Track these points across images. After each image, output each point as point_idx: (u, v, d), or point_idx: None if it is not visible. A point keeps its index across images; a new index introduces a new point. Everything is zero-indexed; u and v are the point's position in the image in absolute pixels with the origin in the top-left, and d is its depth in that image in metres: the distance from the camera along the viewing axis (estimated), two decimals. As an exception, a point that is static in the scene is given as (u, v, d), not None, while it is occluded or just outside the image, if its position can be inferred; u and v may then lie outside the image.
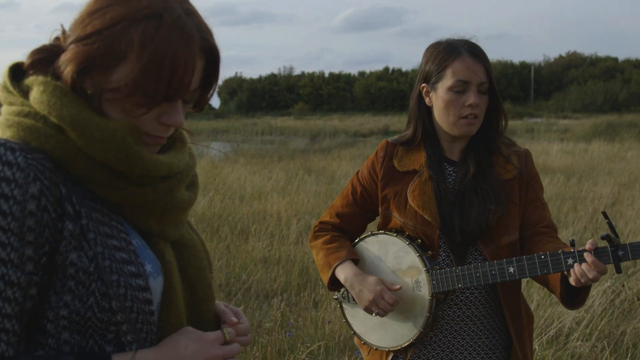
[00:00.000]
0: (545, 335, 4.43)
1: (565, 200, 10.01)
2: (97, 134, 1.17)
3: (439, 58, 2.19)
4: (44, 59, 1.24)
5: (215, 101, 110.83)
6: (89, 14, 1.19)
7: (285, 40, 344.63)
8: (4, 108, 1.24)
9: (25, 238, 1.10)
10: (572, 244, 1.93)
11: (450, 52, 2.17)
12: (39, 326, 1.16)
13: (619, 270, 1.90)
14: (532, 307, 4.80)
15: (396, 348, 2.21)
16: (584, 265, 1.88)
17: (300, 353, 4.26)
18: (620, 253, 1.88)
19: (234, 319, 1.42)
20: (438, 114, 2.20)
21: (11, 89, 1.24)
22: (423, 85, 2.24)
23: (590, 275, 1.86)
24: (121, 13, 1.17)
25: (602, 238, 1.89)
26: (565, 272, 1.95)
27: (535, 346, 4.22)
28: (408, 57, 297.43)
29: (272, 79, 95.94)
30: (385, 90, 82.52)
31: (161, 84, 1.18)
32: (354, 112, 71.50)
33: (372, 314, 2.17)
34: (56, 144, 1.17)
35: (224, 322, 1.42)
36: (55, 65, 1.22)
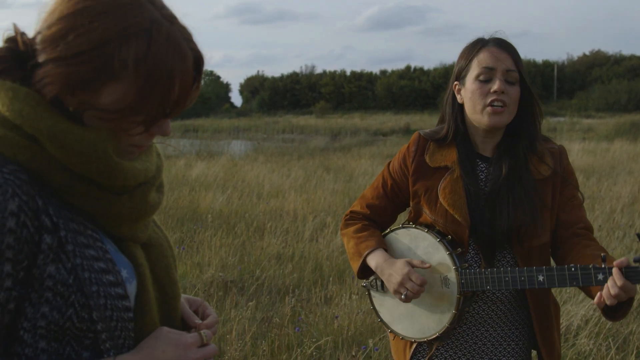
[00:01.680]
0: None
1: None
2: (76, 146, 1.14)
3: (467, 52, 2.21)
4: (7, 66, 1.18)
5: (237, 99, 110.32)
6: (68, 31, 1.13)
7: (309, 39, 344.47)
8: None
9: (4, 255, 1.07)
10: (604, 259, 1.88)
11: (476, 44, 2.20)
12: (15, 337, 1.13)
13: None
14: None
15: (422, 340, 2.24)
16: (610, 285, 1.84)
17: (307, 348, 4.30)
18: None
19: (198, 321, 1.43)
20: (467, 107, 2.20)
21: None
22: (455, 83, 2.26)
23: (613, 292, 1.83)
24: (108, 31, 1.12)
25: (636, 261, 1.84)
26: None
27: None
28: (431, 55, 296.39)
29: (294, 77, 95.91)
30: (407, 89, 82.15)
31: (159, 103, 1.17)
32: (376, 111, 71.24)
33: (401, 297, 2.16)
34: (31, 155, 1.13)
35: (188, 314, 1.43)
36: (24, 73, 1.18)
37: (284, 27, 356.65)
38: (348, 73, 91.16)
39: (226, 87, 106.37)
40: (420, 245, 2.25)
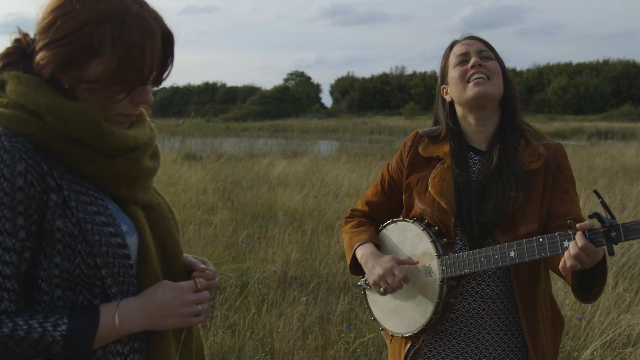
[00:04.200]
0: (608, 341, 4.32)
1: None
2: (70, 116, 1.35)
3: (444, 54, 2.35)
4: (14, 60, 1.42)
5: (327, 100, 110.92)
6: (55, 19, 1.36)
7: (401, 40, 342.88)
8: None
9: (16, 209, 1.30)
10: (570, 226, 1.84)
11: (450, 44, 2.36)
12: (35, 285, 1.37)
13: (611, 252, 1.77)
14: (599, 312, 4.70)
15: (409, 334, 2.25)
16: (571, 245, 1.79)
17: (352, 344, 4.37)
18: (613, 234, 1.76)
19: (203, 266, 1.65)
20: (454, 96, 2.27)
21: None
22: (442, 86, 2.35)
23: (573, 252, 1.77)
24: (86, 16, 1.34)
25: (590, 216, 1.79)
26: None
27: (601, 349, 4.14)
28: (527, 56, 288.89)
29: (384, 78, 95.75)
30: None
31: (135, 72, 1.38)
32: (466, 113, 70.14)
33: (380, 290, 2.21)
34: (35, 128, 1.35)
35: (194, 271, 1.64)
36: (27, 63, 1.41)
37: (376, 28, 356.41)
38: (438, 74, 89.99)
39: (317, 88, 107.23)
40: (407, 237, 2.28)
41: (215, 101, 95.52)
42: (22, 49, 1.44)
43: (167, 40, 1.44)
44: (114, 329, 1.40)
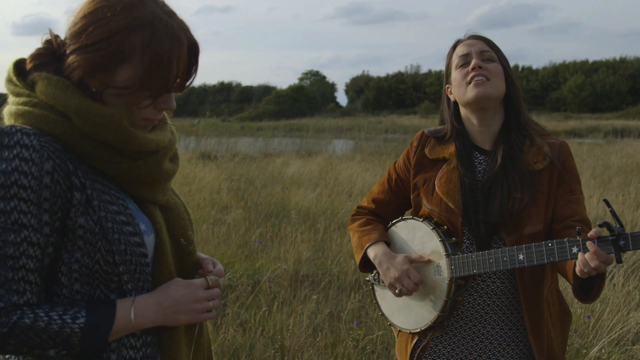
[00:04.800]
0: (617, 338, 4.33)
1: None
2: (97, 119, 1.42)
3: (448, 55, 2.37)
4: (45, 61, 1.49)
5: (342, 99, 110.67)
6: (87, 25, 1.42)
7: (417, 38, 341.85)
8: (11, 98, 1.49)
9: (42, 206, 1.37)
10: (579, 232, 1.89)
11: (453, 44, 2.38)
12: (55, 279, 1.44)
13: (619, 260, 1.83)
14: (608, 309, 4.70)
15: (416, 330, 2.29)
16: (586, 254, 1.85)
17: (362, 341, 4.39)
18: (621, 242, 1.82)
19: (211, 267, 1.71)
20: (457, 97, 2.30)
21: (16, 82, 1.48)
22: (447, 86, 2.38)
23: (593, 265, 1.83)
24: (118, 24, 1.41)
25: (600, 225, 1.84)
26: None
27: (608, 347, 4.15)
28: (542, 54, 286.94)
29: (399, 77, 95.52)
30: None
31: (162, 80, 1.45)
32: (481, 111, 69.81)
33: (395, 291, 2.26)
34: (63, 128, 1.42)
35: (202, 270, 1.71)
36: (57, 65, 1.47)
37: (393, 27, 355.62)
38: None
39: (332, 87, 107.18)
40: (416, 235, 2.32)
41: (230, 101, 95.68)
42: (52, 50, 1.50)
43: (192, 50, 1.50)
44: (129, 323, 1.47)
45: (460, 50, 2.30)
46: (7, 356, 1.51)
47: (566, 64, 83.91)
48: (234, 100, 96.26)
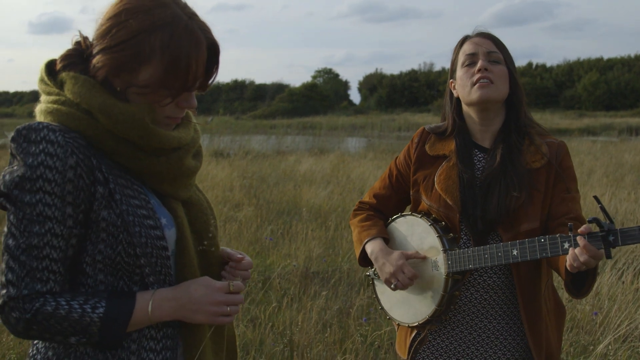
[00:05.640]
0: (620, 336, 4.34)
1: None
2: (120, 117, 1.49)
3: (455, 49, 2.38)
4: (73, 61, 1.57)
5: (356, 97, 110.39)
6: (112, 27, 1.50)
7: (431, 36, 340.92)
8: (43, 97, 1.57)
9: (66, 199, 1.44)
10: (570, 228, 1.95)
11: (461, 40, 2.38)
12: (80, 269, 1.51)
13: (608, 255, 1.89)
14: (615, 307, 4.72)
15: (415, 324, 2.35)
16: (576, 249, 1.90)
17: (370, 337, 4.45)
18: (611, 238, 1.88)
19: (239, 256, 1.78)
20: (460, 95, 2.33)
21: (48, 81, 1.57)
22: (450, 80, 2.40)
23: (582, 259, 1.88)
24: (139, 26, 1.48)
25: (590, 221, 1.90)
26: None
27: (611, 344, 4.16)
28: (557, 52, 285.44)
29: (412, 74, 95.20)
30: (528, 87, 79.56)
31: (181, 79, 1.51)
32: (495, 109, 69.47)
33: (390, 286, 2.31)
34: (87, 125, 1.49)
35: (229, 266, 1.77)
36: (85, 65, 1.55)
37: (407, 25, 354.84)
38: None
39: (345, 85, 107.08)
40: (415, 231, 2.37)
41: (243, 99, 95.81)
42: (81, 51, 1.58)
43: (212, 50, 1.56)
44: (146, 316, 1.52)
45: (467, 48, 2.32)
46: (35, 342, 1.60)
47: (580, 61, 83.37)
48: (247, 98, 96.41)
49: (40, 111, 1.55)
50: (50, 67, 1.59)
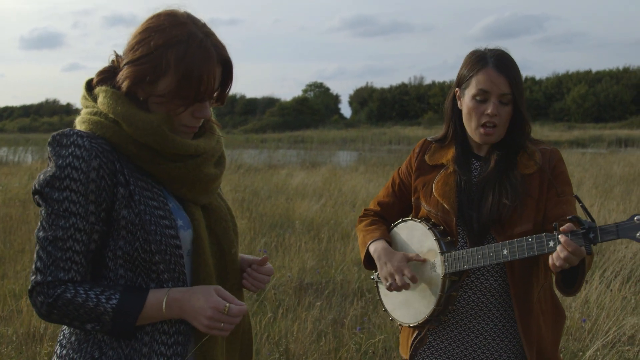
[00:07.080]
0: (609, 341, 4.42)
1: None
2: (140, 124, 1.66)
3: (469, 67, 2.37)
4: (107, 76, 1.76)
5: (346, 111, 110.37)
6: (136, 43, 1.68)
7: (422, 50, 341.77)
8: (82, 110, 1.77)
9: (88, 198, 1.62)
10: (555, 227, 2.04)
11: (478, 62, 2.34)
12: (103, 263, 1.68)
13: (589, 251, 1.99)
14: (603, 314, 4.81)
15: (415, 324, 2.45)
16: (558, 246, 2.01)
17: (364, 346, 4.52)
18: (591, 235, 1.98)
19: (259, 259, 1.96)
20: (464, 118, 2.42)
21: (87, 96, 1.77)
22: (456, 89, 2.46)
23: (562, 255, 1.99)
24: (158, 42, 1.65)
25: (570, 220, 2.01)
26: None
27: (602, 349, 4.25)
28: (546, 64, 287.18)
29: (403, 88, 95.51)
30: (519, 99, 79.90)
31: (193, 90, 1.66)
32: (485, 122, 69.74)
33: (387, 284, 2.42)
34: (113, 132, 1.67)
35: (251, 266, 1.96)
36: (115, 79, 1.72)
37: (398, 38, 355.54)
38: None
39: (335, 99, 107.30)
40: (415, 235, 2.49)
41: (234, 113, 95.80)
42: (114, 67, 1.77)
43: (226, 67, 1.73)
44: (160, 312, 1.65)
45: (482, 81, 2.30)
46: (63, 328, 1.77)
47: (569, 74, 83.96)
48: (238, 112, 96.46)
49: (78, 121, 1.74)
50: (89, 84, 1.79)
